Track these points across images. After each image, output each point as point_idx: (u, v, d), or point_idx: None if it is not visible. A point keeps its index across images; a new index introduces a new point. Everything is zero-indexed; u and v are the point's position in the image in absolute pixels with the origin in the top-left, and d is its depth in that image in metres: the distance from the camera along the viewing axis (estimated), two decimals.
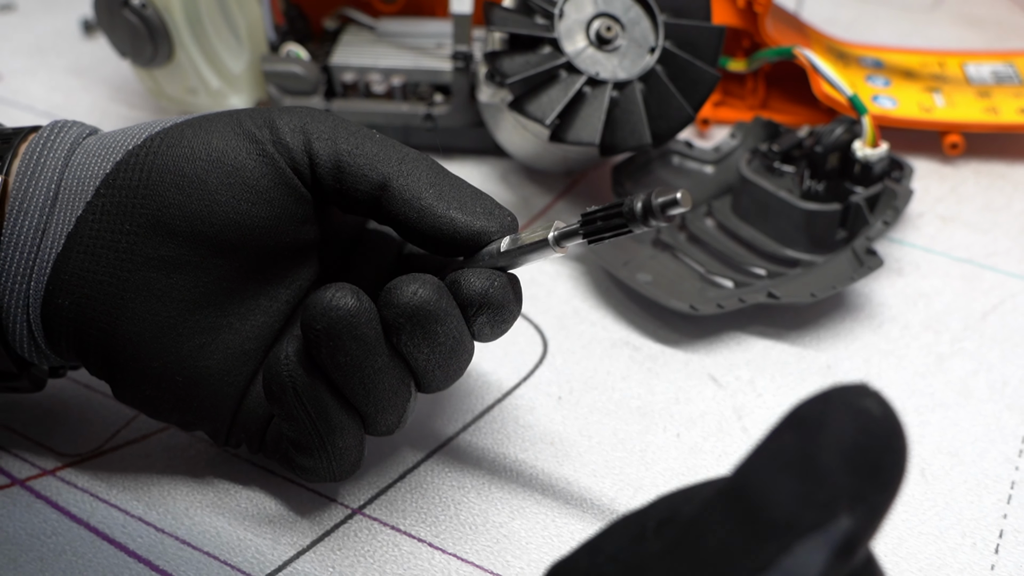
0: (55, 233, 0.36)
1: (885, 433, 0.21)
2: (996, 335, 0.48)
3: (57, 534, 0.39)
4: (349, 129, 0.37)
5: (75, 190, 0.36)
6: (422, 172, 0.37)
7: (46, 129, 0.37)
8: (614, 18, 0.49)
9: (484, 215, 0.36)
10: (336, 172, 0.36)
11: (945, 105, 0.60)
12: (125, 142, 0.36)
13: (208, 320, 0.37)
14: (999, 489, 0.41)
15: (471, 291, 0.35)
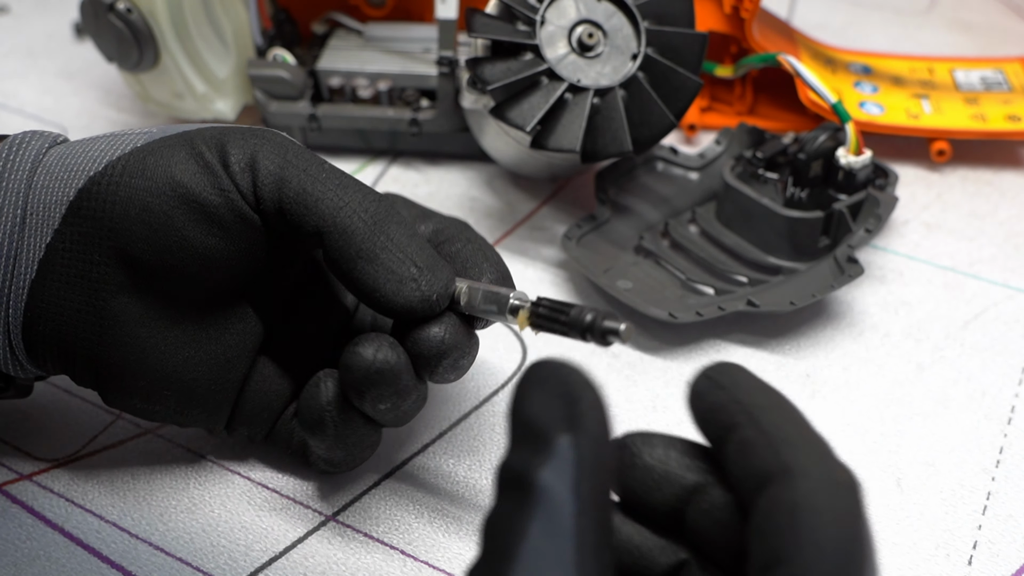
0: (27, 259, 0.36)
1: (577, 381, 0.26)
2: (977, 344, 0.48)
3: (32, 539, 0.39)
4: (297, 164, 0.37)
5: (42, 215, 0.36)
6: (356, 228, 0.36)
7: (6, 146, 0.37)
8: (596, 25, 0.49)
9: (411, 287, 0.36)
10: (279, 216, 0.36)
11: (933, 112, 0.59)
12: (86, 165, 0.36)
13: (188, 335, 0.38)
14: (975, 500, 0.41)
15: (428, 346, 0.36)
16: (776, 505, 0.26)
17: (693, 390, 0.30)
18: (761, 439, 0.27)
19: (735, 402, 0.28)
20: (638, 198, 0.55)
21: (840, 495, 0.25)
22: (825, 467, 0.26)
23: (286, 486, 0.41)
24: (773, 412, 0.28)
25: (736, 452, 0.28)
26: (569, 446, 0.25)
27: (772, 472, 0.26)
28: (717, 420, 0.29)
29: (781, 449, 0.27)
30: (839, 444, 0.42)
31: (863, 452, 0.43)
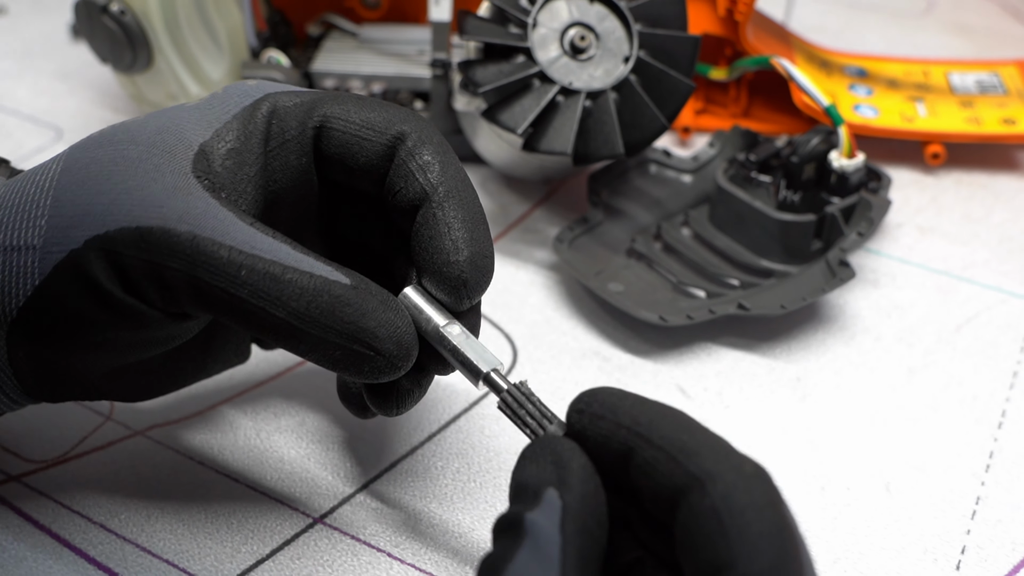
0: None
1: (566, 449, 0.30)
2: (969, 348, 0.48)
3: (19, 540, 0.39)
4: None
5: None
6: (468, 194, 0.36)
7: None
8: (588, 27, 0.49)
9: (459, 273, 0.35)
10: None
11: (927, 115, 0.59)
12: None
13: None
14: (964, 505, 0.41)
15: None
16: (697, 515, 0.27)
17: (574, 428, 0.31)
18: (660, 456, 0.28)
19: (620, 427, 0.30)
20: (631, 201, 0.54)
21: (755, 487, 0.27)
22: (730, 464, 0.27)
23: (274, 488, 0.41)
24: (660, 426, 0.29)
25: (641, 475, 0.29)
26: (556, 496, 0.28)
27: (682, 485, 0.28)
28: (610, 450, 0.30)
29: (683, 460, 0.28)
30: (828, 447, 0.43)
31: (853, 455, 0.43)
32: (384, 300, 0.34)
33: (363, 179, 0.37)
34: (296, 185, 0.37)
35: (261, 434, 0.44)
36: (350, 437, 0.43)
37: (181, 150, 0.34)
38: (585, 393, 0.31)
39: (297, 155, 0.36)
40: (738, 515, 0.26)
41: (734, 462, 0.28)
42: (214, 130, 0.35)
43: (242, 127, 0.35)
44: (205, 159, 0.34)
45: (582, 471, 0.29)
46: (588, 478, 0.29)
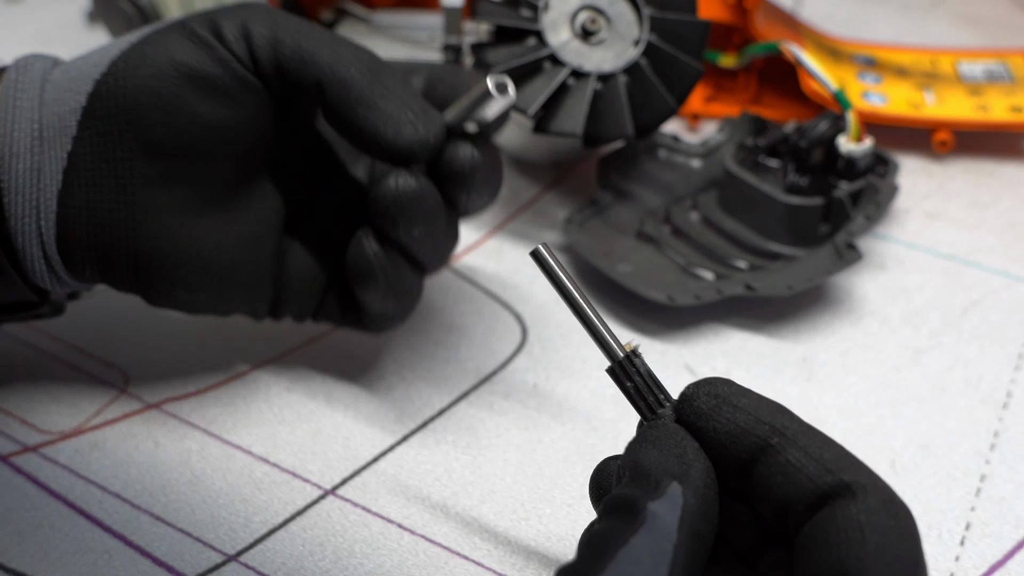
0: (51, 171, 0.38)
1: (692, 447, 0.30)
2: (975, 331, 0.48)
3: (36, 508, 0.40)
4: (288, 28, 0.38)
5: (57, 127, 0.37)
6: (353, 76, 0.38)
7: (12, 70, 0.39)
8: (599, 11, 0.50)
9: (410, 128, 0.38)
10: (278, 76, 0.38)
11: (935, 102, 0.60)
12: (90, 72, 0.38)
13: (216, 220, 0.40)
14: (968, 482, 0.41)
15: (459, 165, 0.39)
16: (839, 522, 0.27)
17: (696, 408, 0.31)
18: (807, 461, 0.28)
19: (760, 423, 0.30)
20: (640, 184, 0.55)
21: (902, 515, 0.27)
22: (883, 485, 0.28)
23: (285, 460, 0.42)
24: (808, 434, 0.29)
25: (778, 474, 0.29)
26: (680, 492, 0.28)
27: (828, 491, 0.28)
28: (743, 443, 0.30)
29: (835, 470, 0.28)
30: (835, 426, 0.43)
31: (858, 434, 0.43)
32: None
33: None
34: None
35: (273, 408, 0.44)
36: (359, 412, 0.44)
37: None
38: (710, 381, 0.31)
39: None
40: (880, 533, 0.26)
41: (885, 484, 0.28)
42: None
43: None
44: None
45: (706, 473, 0.30)
46: (711, 481, 0.30)
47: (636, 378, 0.32)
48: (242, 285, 0.41)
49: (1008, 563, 0.38)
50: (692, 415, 0.31)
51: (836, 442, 0.29)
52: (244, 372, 0.46)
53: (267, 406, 0.44)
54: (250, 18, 0.38)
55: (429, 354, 0.47)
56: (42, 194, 0.38)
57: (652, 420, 0.32)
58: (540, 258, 0.33)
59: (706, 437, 0.30)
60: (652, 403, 0.32)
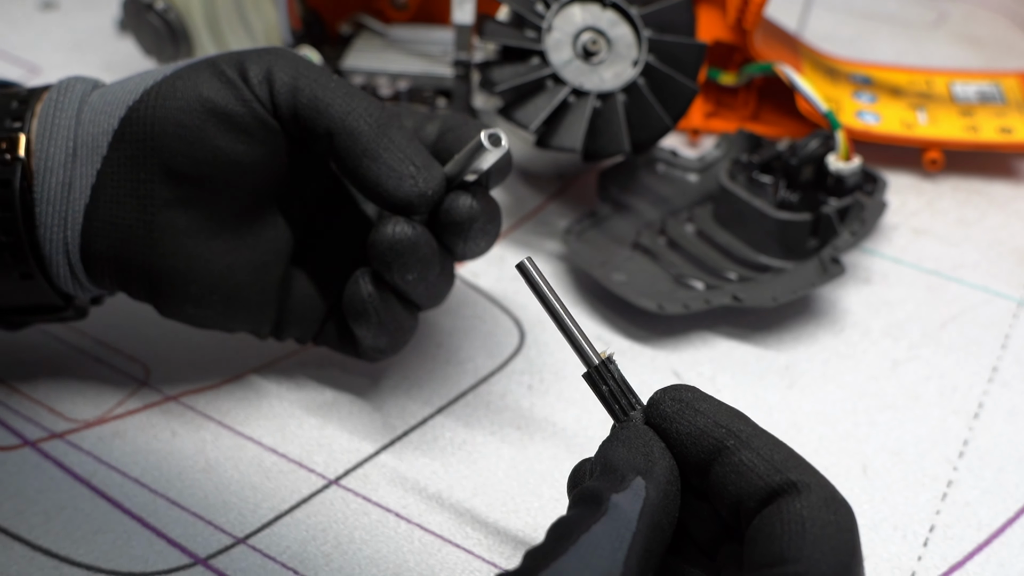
0: (80, 186, 0.41)
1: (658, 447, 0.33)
2: (952, 344, 0.51)
3: (61, 491, 0.43)
4: (309, 76, 0.41)
5: (90, 146, 0.41)
6: (362, 128, 0.40)
7: (55, 90, 0.42)
8: (600, 32, 0.52)
9: (410, 181, 0.40)
10: (294, 121, 0.41)
11: (927, 122, 0.62)
12: (125, 97, 0.41)
13: (227, 244, 0.42)
14: (935, 487, 0.44)
15: (459, 210, 0.41)
16: (784, 515, 0.30)
17: (662, 412, 0.34)
18: (759, 461, 0.31)
19: (719, 426, 0.32)
20: (639, 197, 0.58)
21: (842, 513, 0.30)
22: (825, 486, 0.31)
23: (293, 452, 0.45)
24: (760, 438, 0.32)
25: (731, 472, 0.32)
26: (643, 486, 0.31)
27: (776, 488, 0.30)
28: (702, 444, 0.32)
29: (783, 469, 0.31)
30: (811, 431, 0.46)
31: (833, 439, 0.46)
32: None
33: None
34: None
35: (283, 402, 0.47)
36: (364, 408, 0.47)
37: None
38: (676, 387, 0.34)
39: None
40: (820, 527, 0.29)
41: (828, 483, 0.31)
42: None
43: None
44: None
45: (669, 471, 0.32)
46: (673, 479, 0.32)
47: (610, 383, 0.35)
48: (247, 306, 0.44)
49: (967, 564, 0.41)
50: (658, 417, 0.33)
51: (786, 445, 0.32)
52: (258, 368, 0.49)
53: (278, 400, 0.47)
54: (275, 64, 0.41)
55: (431, 355, 0.50)
56: (71, 207, 0.41)
57: (624, 422, 0.35)
58: (525, 271, 0.36)
59: (670, 438, 0.33)
60: (624, 406, 0.35)
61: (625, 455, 0.33)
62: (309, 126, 0.41)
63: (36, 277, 0.42)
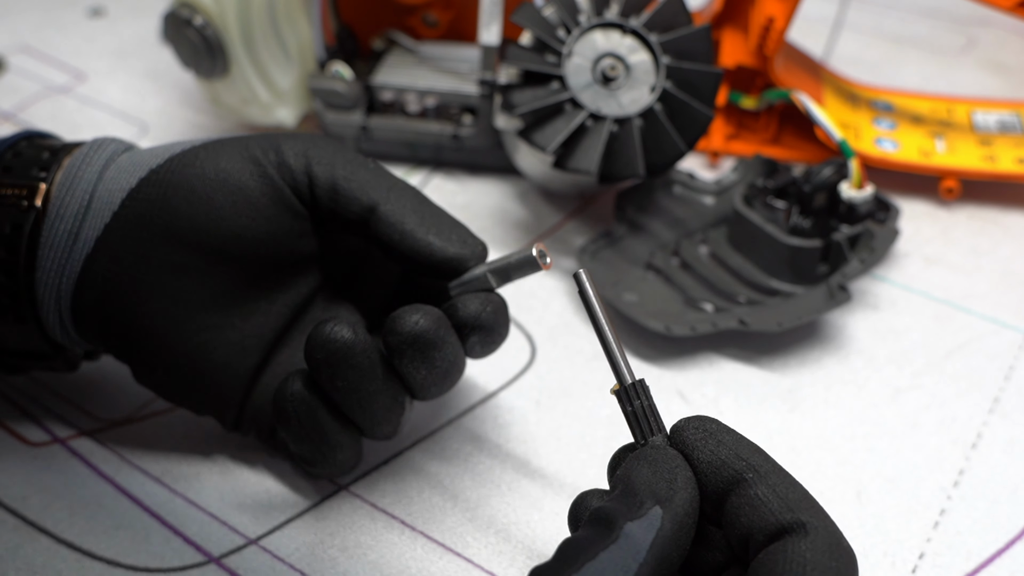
0: (86, 237, 0.42)
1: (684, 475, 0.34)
2: (956, 373, 0.51)
3: (86, 487, 0.45)
4: (347, 157, 0.43)
5: (106, 200, 0.42)
6: (407, 200, 0.42)
7: (87, 146, 0.44)
8: (620, 58, 0.54)
9: (458, 243, 0.42)
10: (332, 194, 0.42)
11: (945, 151, 0.63)
12: (150, 161, 0.42)
13: (212, 319, 0.43)
14: (928, 516, 0.45)
15: (466, 314, 0.41)
16: (788, 554, 0.31)
17: (685, 439, 0.35)
18: (773, 497, 0.32)
19: (740, 459, 0.34)
20: (655, 218, 0.59)
21: (844, 560, 0.31)
22: (833, 532, 0.32)
23: None
24: (777, 475, 0.33)
25: (746, 505, 0.33)
26: (659, 516, 0.32)
27: (786, 526, 0.32)
28: (722, 473, 0.33)
29: (795, 508, 0.32)
30: (809, 455, 0.47)
31: (830, 464, 0.47)
32: None
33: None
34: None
35: None
36: None
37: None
38: (701, 418, 0.35)
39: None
40: (821, 571, 0.30)
41: (836, 529, 0.32)
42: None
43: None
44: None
45: (690, 502, 0.33)
46: (692, 511, 0.33)
47: (642, 402, 0.36)
48: (212, 389, 0.43)
49: None
50: (681, 444, 0.34)
51: (802, 486, 0.33)
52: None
53: None
54: (313, 145, 0.43)
55: None
56: (72, 256, 0.42)
57: (643, 445, 0.36)
58: (580, 281, 0.37)
59: (691, 465, 0.34)
60: (647, 429, 0.36)
61: (648, 478, 0.33)
62: (349, 201, 0.42)
63: (27, 321, 0.43)
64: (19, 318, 0.43)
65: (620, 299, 0.53)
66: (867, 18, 0.82)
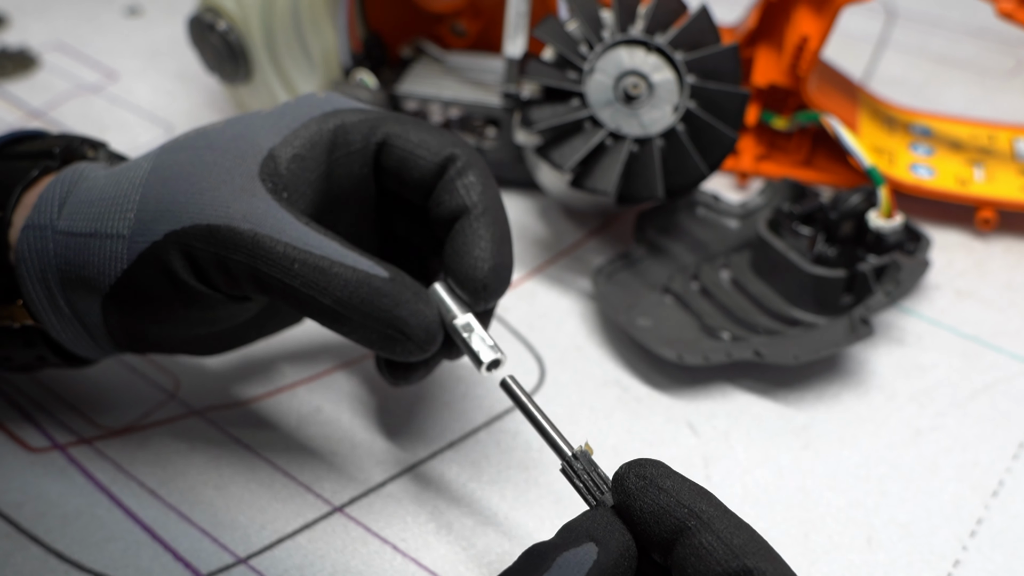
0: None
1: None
2: (980, 415, 0.49)
3: (81, 496, 0.45)
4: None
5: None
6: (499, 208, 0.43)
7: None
8: (643, 76, 0.52)
9: (494, 276, 0.41)
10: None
11: (984, 179, 0.60)
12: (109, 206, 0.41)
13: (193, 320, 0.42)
14: (941, 566, 0.43)
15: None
16: None
17: (626, 488, 0.33)
18: (719, 545, 0.31)
19: (680, 505, 0.32)
20: (676, 241, 0.57)
21: None
22: (784, 573, 0.31)
23: (304, 476, 0.46)
24: (722, 519, 0.32)
25: (691, 555, 0.31)
26: (595, 550, 0.32)
27: (735, 575, 0.30)
28: (664, 523, 0.32)
29: (741, 555, 0.31)
30: (820, 496, 0.45)
31: (841, 506, 0.45)
32: (416, 292, 0.39)
33: (414, 190, 0.43)
34: (356, 190, 0.43)
35: (302, 425, 0.48)
36: (377, 437, 0.48)
37: (252, 154, 0.40)
38: (643, 461, 0.34)
39: (360, 165, 0.43)
40: None
41: (787, 570, 0.31)
42: (283, 136, 0.41)
43: (309, 136, 0.42)
44: (273, 162, 0.40)
45: (625, 546, 0.33)
46: (628, 554, 0.32)
47: (583, 477, 0.36)
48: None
49: None
50: (622, 494, 0.33)
51: (748, 527, 0.32)
52: (282, 388, 0.50)
53: (296, 423, 0.49)
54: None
55: (450, 388, 0.50)
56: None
57: (596, 507, 0.35)
58: (509, 389, 0.38)
59: (633, 514, 0.33)
60: (597, 494, 0.36)
61: (585, 523, 0.33)
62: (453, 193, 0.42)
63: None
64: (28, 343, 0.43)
65: (633, 324, 0.52)
66: (912, 37, 0.80)
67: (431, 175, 0.42)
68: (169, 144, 0.42)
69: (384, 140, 0.43)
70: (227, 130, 0.42)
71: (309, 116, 0.42)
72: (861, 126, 0.63)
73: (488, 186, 0.42)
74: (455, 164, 0.42)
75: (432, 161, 0.42)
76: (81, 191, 0.41)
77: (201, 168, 0.40)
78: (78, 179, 0.42)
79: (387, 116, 0.43)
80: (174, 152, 0.41)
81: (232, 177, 0.39)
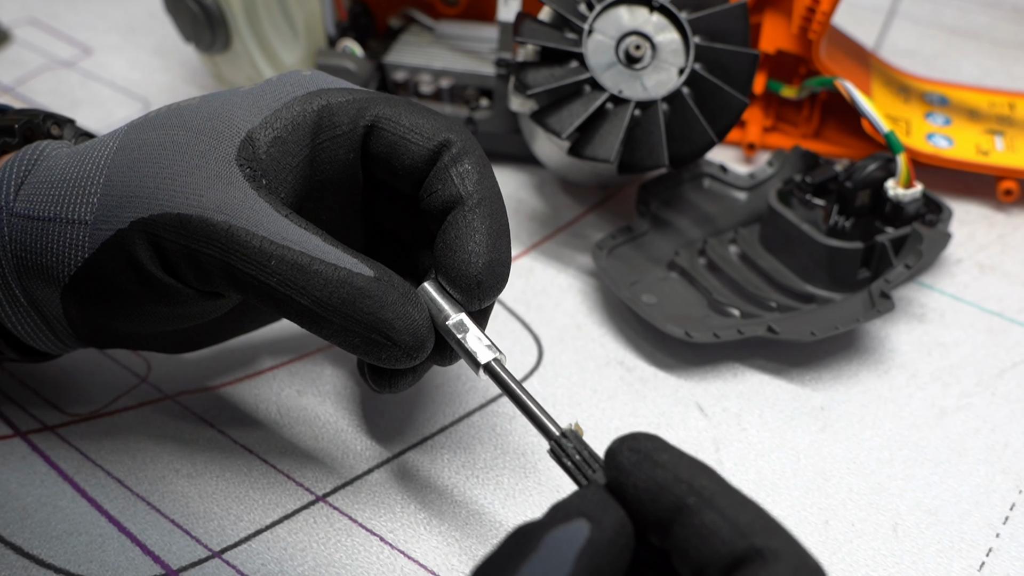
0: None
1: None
2: (1009, 394, 0.46)
3: (43, 486, 0.42)
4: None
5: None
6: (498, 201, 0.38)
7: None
8: (646, 37, 0.49)
9: (489, 272, 0.37)
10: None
11: (1004, 149, 0.57)
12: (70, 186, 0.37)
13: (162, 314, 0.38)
14: (973, 555, 0.40)
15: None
16: None
17: (619, 463, 0.30)
18: (723, 523, 0.28)
19: (679, 481, 0.29)
20: (680, 214, 0.54)
21: None
22: (796, 554, 0.27)
23: (284, 463, 0.43)
24: (725, 495, 0.29)
25: (693, 536, 0.28)
26: (586, 527, 0.28)
27: (740, 556, 0.27)
28: (661, 500, 0.29)
29: (749, 534, 0.27)
30: (840, 482, 0.42)
31: (864, 492, 0.42)
32: (404, 293, 0.35)
33: (404, 178, 0.39)
34: (342, 177, 0.39)
35: (281, 410, 0.45)
36: (363, 422, 0.45)
37: (228, 136, 0.36)
38: (635, 436, 0.31)
39: (346, 150, 0.39)
40: None
41: (800, 552, 0.27)
42: (263, 117, 0.37)
43: (292, 117, 0.38)
44: (251, 145, 0.36)
45: (620, 523, 0.29)
46: (623, 531, 0.29)
47: (574, 457, 0.33)
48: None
49: None
50: (615, 470, 0.30)
51: (754, 503, 0.29)
52: (260, 371, 0.47)
53: (276, 408, 0.45)
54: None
55: (442, 369, 0.47)
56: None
57: (587, 486, 0.32)
58: (492, 372, 0.35)
59: (627, 492, 0.30)
60: (585, 472, 0.33)
61: (574, 500, 0.30)
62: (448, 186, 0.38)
63: None
64: None
65: (637, 300, 0.48)
66: (924, 7, 0.77)
67: (423, 162, 0.38)
68: (138, 122, 0.38)
69: (373, 123, 0.38)
70: (202, 108, 0.38)
71: (292, 95, 0.38)
72: (874, 94, 0.60)
73: (485, 175, 0.38)
74: (449, 150, 0.38)
75: (425, 147, 0.38)
76: (41, 171, 0.38)
77: (173, 150, 0.36)
78: (38, 158, 0.38)
79: (377, 97, 0.39)
80: (143, 131, 0.37)
81: (206, 161, 0.35)
